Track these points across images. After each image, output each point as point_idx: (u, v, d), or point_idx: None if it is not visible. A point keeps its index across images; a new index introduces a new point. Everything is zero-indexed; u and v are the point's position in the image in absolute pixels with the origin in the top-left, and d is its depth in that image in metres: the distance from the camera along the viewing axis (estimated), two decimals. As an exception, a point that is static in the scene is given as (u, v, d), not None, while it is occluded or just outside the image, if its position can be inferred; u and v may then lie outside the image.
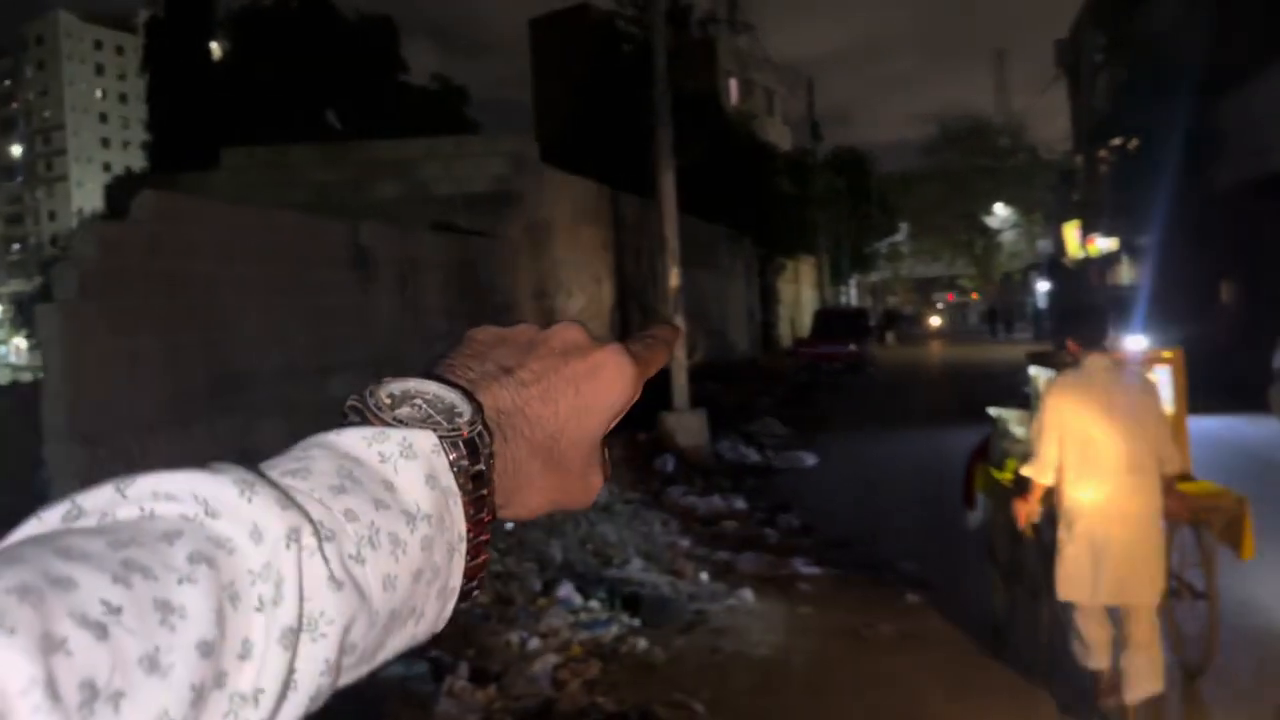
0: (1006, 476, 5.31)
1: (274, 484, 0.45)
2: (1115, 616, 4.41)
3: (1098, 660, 4.42)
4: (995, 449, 5.82)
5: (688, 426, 12.53)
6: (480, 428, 0.53)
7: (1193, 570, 4.96)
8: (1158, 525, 4.30)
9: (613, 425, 0.60)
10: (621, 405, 0.60)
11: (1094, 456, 4.23)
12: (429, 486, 0.49)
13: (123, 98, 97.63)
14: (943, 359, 34.89)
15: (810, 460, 12.69)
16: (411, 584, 0.48)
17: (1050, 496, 4.42)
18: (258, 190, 12.18)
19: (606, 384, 0.58)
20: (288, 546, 0.43)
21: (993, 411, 5.93)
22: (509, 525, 6.98)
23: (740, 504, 9.75)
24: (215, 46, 26.49)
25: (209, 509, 0.42)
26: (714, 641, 5.95)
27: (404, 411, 0.51)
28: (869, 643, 5.91)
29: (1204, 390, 12.14)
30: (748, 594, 6.75)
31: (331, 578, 0.44)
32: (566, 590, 6.43)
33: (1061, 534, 4.35)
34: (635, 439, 12.10)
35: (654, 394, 13.98)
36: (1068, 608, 4.47)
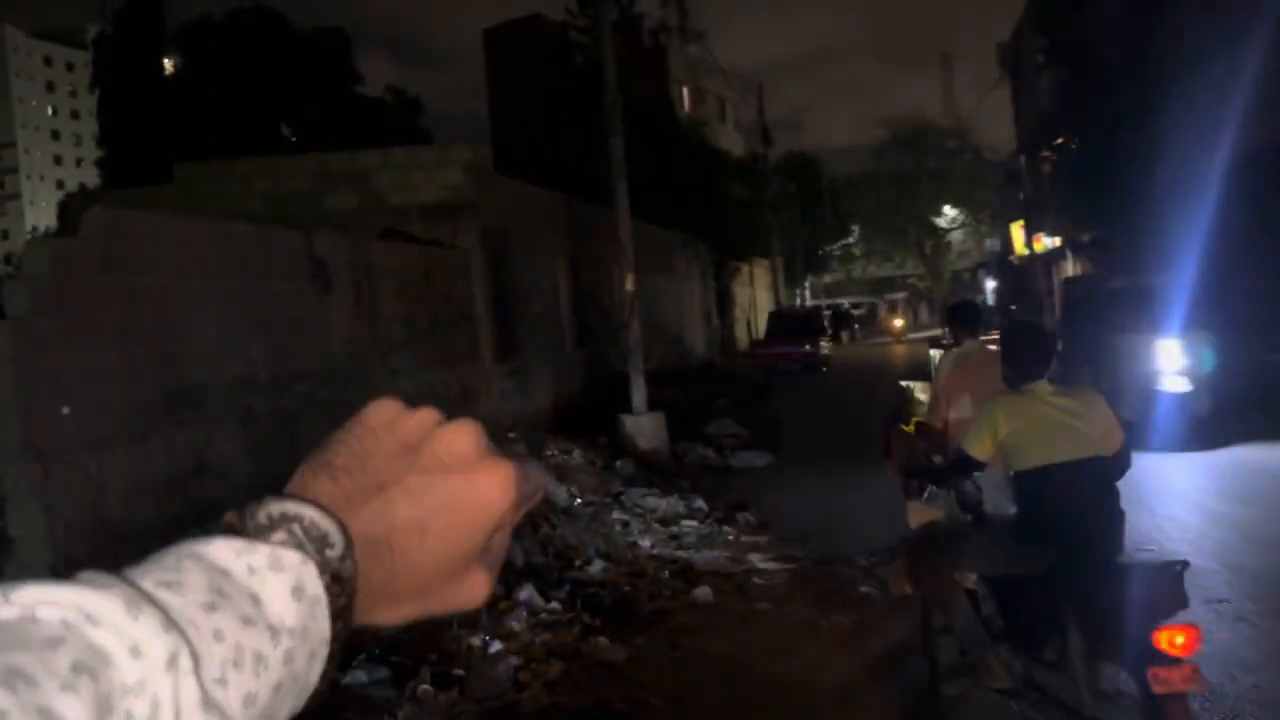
0: (911, 429, 6.66)
1: (155, 603, 0.46)
2: None
3: None
4: (904, 411, 7.28)
5: (647, 429, 12.65)
6: (349, 561, 0.53)
7: None
8: None
9: (498, 528, 0.59)
10: (501, 516, 0.58)
11: (964, 409, 5.47)
12: (295, 599, 0.50)
13: (75, 114, 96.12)
14: (891, 356, 35.28)
15: (767, 458, 12.82)
16: (271, 696, 0.49)
17: (942, 439, 5.68)
18: (212, 203, 12.14)
19: (485, 503, 0.57)
20: (168, 670, 0.44)
21: (903, 384, 7.76)
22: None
23: (699, 503, 9.87)
24: (167, 61, 26.22)
25: (90, 617, 0.44)
26: (674, 639, 6.03)
27: (279, 537, 0.52)
28: (825, 635, 6.04)
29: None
30: (707, 591, 6.86)
31: (203, 699, 0.46)
32: (528, 592, 6.49)
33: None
34: (595, 442, 12.20)
35: (614, 398, 14.02)
36: None
